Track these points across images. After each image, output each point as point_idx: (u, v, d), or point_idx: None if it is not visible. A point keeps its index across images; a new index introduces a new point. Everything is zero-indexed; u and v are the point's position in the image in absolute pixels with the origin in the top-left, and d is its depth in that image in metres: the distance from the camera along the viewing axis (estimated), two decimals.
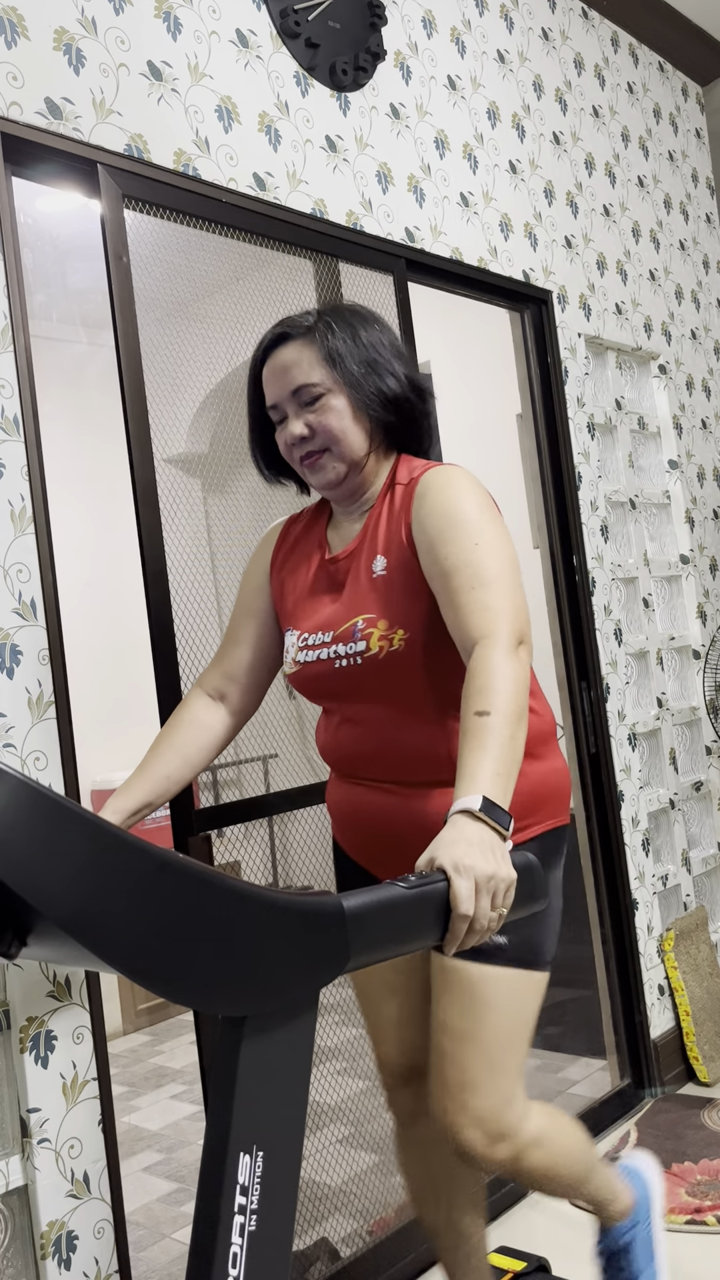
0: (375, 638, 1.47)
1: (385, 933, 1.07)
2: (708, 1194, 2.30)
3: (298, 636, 1.57)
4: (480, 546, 1.41)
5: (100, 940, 0.91)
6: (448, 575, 1.40)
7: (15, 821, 0.95)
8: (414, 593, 1.47)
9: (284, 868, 2.33)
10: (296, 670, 1.57)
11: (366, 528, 1.55)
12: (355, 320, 1.57)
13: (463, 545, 1.41)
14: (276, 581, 1.66)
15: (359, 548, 1.55)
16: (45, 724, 1.65)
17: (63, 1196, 1.59)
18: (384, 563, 1.51)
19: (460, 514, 1.44)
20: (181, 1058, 3.78)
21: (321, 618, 1.55)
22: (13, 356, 1.67)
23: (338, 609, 1.54)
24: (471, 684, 1.31)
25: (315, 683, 1.55)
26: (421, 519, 1.47)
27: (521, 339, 2.90)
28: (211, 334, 2.15)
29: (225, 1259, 0.95)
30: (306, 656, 1.55)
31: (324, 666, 1.52)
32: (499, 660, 1.31)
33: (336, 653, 1.51)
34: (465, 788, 1.23)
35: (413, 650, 1.46)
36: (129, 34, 1.92)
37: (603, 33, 3.30)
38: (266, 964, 0.98)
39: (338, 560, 1.57)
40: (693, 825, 3.27)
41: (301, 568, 1.63)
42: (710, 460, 3.56)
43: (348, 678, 1.51)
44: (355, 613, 1.51)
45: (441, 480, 1.50)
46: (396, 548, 1.50)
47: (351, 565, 1.55)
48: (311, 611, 1.58)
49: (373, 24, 2.42)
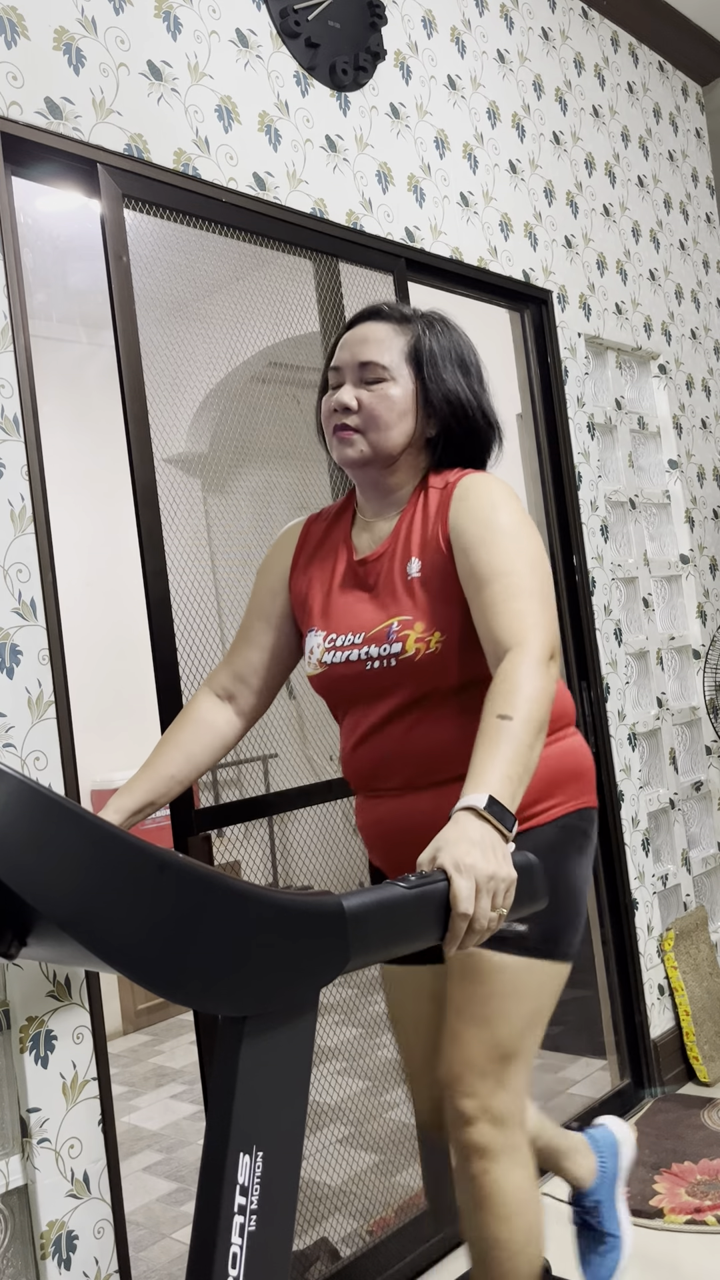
0: (412, 639, 1.47)
1: (385, 932, 1.07)
2: (707, 1194, 2.30)
3: (324, 637, 1.56)
4: (521, 557, 1.42)
5: (100, 940, 0.91)
6: (485, 581, 1.40)
7: (15, 821, 0.95)
8: (449, 596, 1.47)
9: (284, 868, 2.33)
10: (322, 671, 1.55)
11: (399, 530, 1.54)
12: (455, 336, 1.59)
13: (505, 554, 1.41)
14: (300, 582, 1.65)
15: (390, 549, 1.54)
16: (45, 724, 1.65)
17: (63, 1196, 1.59)
18: (419, 565, 1.50)
19: (500, 522, 1.45)
20: (181, 1058, 3.78)
21: (352, 619, 1.54)
22: (13, 356, 1.67)
23: (370, 610, 1.53)
24: (498, 688, 1.31)
25: (342, 684, 1.54)
26: (460, 523, 1.47)
27: (521, 339, 2.90)
28: (211, 334, 2.15)
29: (225, 1259, 0.96)
30: (334, 657, 1.53)
31: (354, 668, 1.51)
32: (529, 669, 1.31)
33: (369, 654, 1.50)
34: (473, 785, 1.23)
35: (448, 653, 1.46)
36: (129, 34, 1.92)
37: (603, 32, 3.30)
38: (266, 964, 0.98)
39: (367, 561, 1.56)
40: (693, 825, 3.27)
41: (327, 568, 1.62)
42: (710, 460, 3.56)
43: (378, 679, 1.50)
44: (390, 614, 1.50)
45: (482, 486, 1.50)
46: (432, 550, 1.50)
47: (383, 567, 1.54)
48: (340, 612, 1.56)
49: (373, 24, 2.42)
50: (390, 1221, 2.19)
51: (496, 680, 1.32)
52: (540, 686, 1.31)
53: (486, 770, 1.24)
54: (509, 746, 1.25)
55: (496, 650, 1.37)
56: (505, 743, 1.26)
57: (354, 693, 1.54)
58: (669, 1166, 2.44)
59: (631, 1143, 1.94)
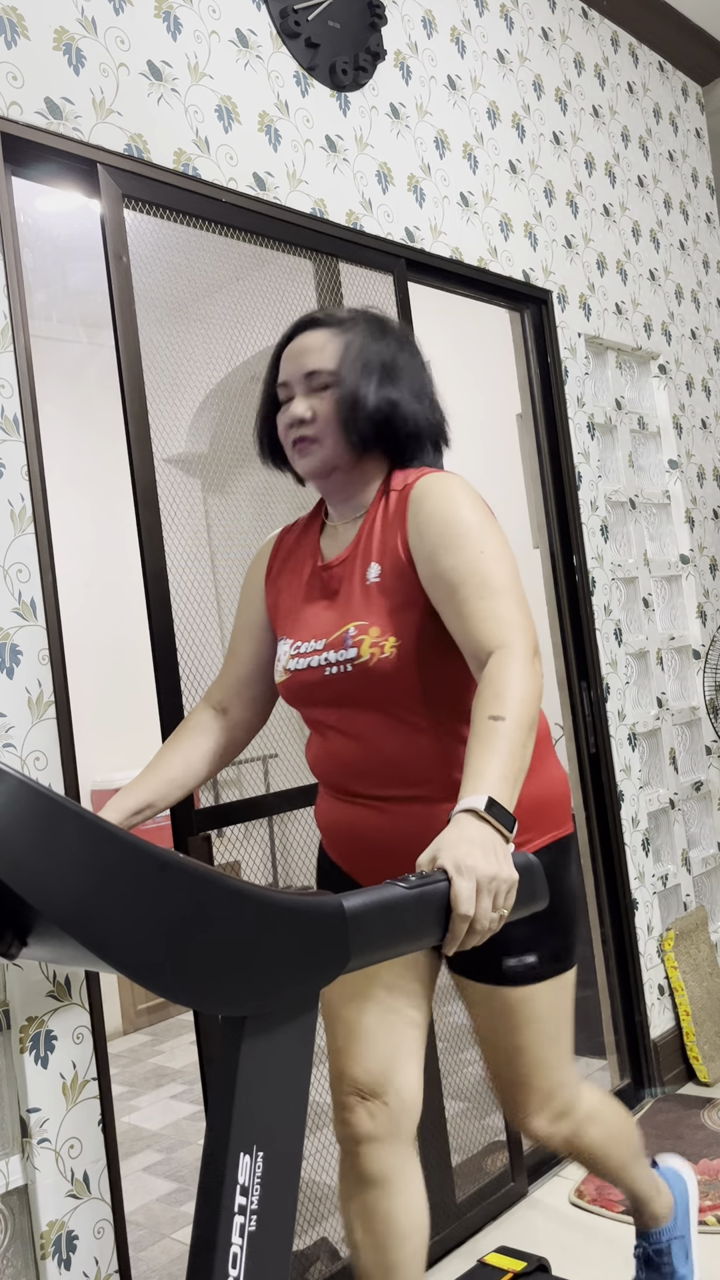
0: (366, 644, 1.46)
1: (385, 933, 1.07)
2: (708, 1194, 2.30)
3: (290, 645, 1.56)
4: (485, 555, 1.40)
5: (100, 940, 0.91)
6: (455, 585, 1.39)
7: (15, 821, 0.95)
8: (407, 600, 1.46)
9: (284, 868, 2.33)
10: (287, 678, 1.55)
11: (360, 534, 1.54)
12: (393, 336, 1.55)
13: (468, 554, 1.40)
14: (271, 592, 1.65)
15: (352, 554, 1.54)
16: (45, 724, 1.65)
17: (63, 1196, 1.59)
18: (378, 570, 1.49)
19: (461, 522, 1.43)
20: (181, 1058, 3.78)
21: (314, 625, 1.54)
22: (13, 356, 1.67)
23: (330, 616, 1.52)
24: (487, 689, 1.30)
25: (305, 691, 1.53)
26: (420, 526, 1.46)
27: (521, 339, 2.90)
28: (211, 334, 2.15)
29: (225, 1259, 0.95)
30: (297, 664, 1.53)
31: (314, 674, 1.51)
32: (517, 670, 1.31)
33: (328, 660, 1.49)
34: (471, 787, 1.23)
35: (404, 658, 1.45)
36: (129, 34, 1.92)
37: (603, 32, 3.30)
38: (266, 964, 0.98)
39: (331, 567, 1.56)
40: (693, 825, 3.27)
41: (295, 576, 1.62)
42: (710, 460, 3.56)
43: (338, 685, 1.49)
44: (347, 620, 1.49)
45: (439, 487, 1.48)
46: (391, 555, 1.49)
47: (345, 572, 1.54)
48: (304, 619, 1.56)
49: (373, 24, 2.42)
50: None
51: (484, 682, 1.32)
52: (529, 687, 1.31)
53: (483, 771, 1.24)
54: (504, 747, 1.25)
55: (478, 653, 1.36)
56: (500, 743, 1.25)
57: (317, 699, 1.53)
58: None
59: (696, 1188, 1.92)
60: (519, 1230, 2.28)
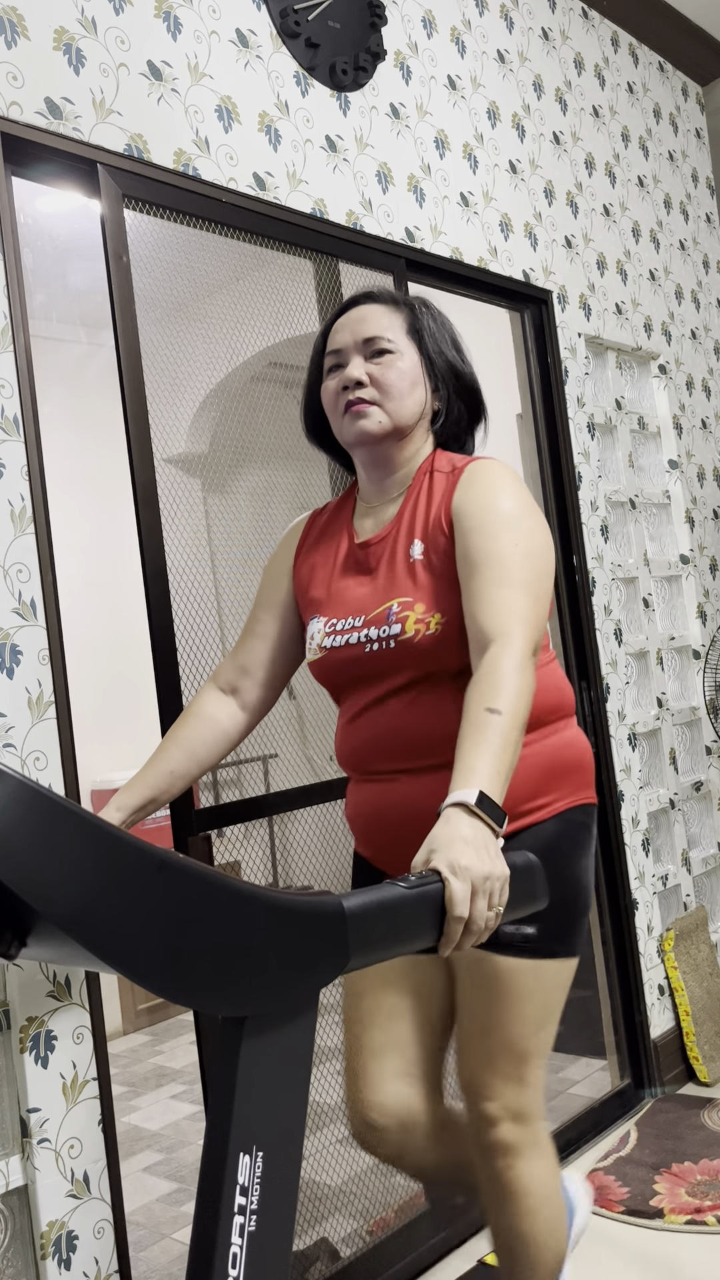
0: (411, 621, 1.45)
1: (385, 933, 1.07)
2: (708, 1194, 2.30)
3: (324, 622, 1.54)
4: (518, 547, 1.40)
5: (100, 940, 0.91)
6: (476, 567, 1.39)
7: (15, 821, 0.95)
8: (451, 579, 1.45)
9: (284, 868, 2.33)
10: (322, 656, 1.53)
11: (402, 513, 1.53)
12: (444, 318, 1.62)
13: (501, 541, 1.40)
14: (302, 571, 1.63)
15: (393, 532, 1.53)
16: (45, 724, 1.65)
17: (63, 1196, 1.59)
18: (422, 547, 1.49)
19: (502, 509, 1.43)
20: (181, 1058, 3.78)
21: (352, 602, 1.52)
22: (13, 356, 1.67)
23: (370, 593, 1.51)
24: (484, 680, 1.30)
25: (341, 668, 1.52)
26: (463, 505, 1.46)
27: (521, 339, 2.90)
28: (211, 334, 2.15)
29: (225, 1259, 0.95)
30: (334, 641, 1.52)
31: (353, 651, 1.50)
32: (514, 665, 1.30)
33: (368, 636, 1.48)
34: (463, 781, 1.22)
35: (448, 635, 1.44)
36: (129, 34, 1.92)
37: (603, 33, 3.30)
38: (266, 964, 0.98)
39: (369, 545, 1.55)
40: (693, 825, 3.27)
41: (328, 555, 1.60)
42: (710, 460, 3.56)
43: (377, 661, 1.48)
44: (390, 596, 1.48)
45: (489, 472, 1.48)
46: (436, 533, 1.48)
47: (385, 550, 1.52)
48: (340, 597, 1.55)
49: (373, 24, 2.42)
50: (390, 1221, 2.19)
51: (481, 672, 1.31)
52: (525, 684, 1.30)
53: (476, 765, 1.23)
54: (498, 741, 1.24)
55: (480, 639, 1.35)
56: (494, 737, 1.25)
57: (353, 677, 1.52)
58: (669, 1167, 2.44)
59: (588, 1207, 1.75)
60: None
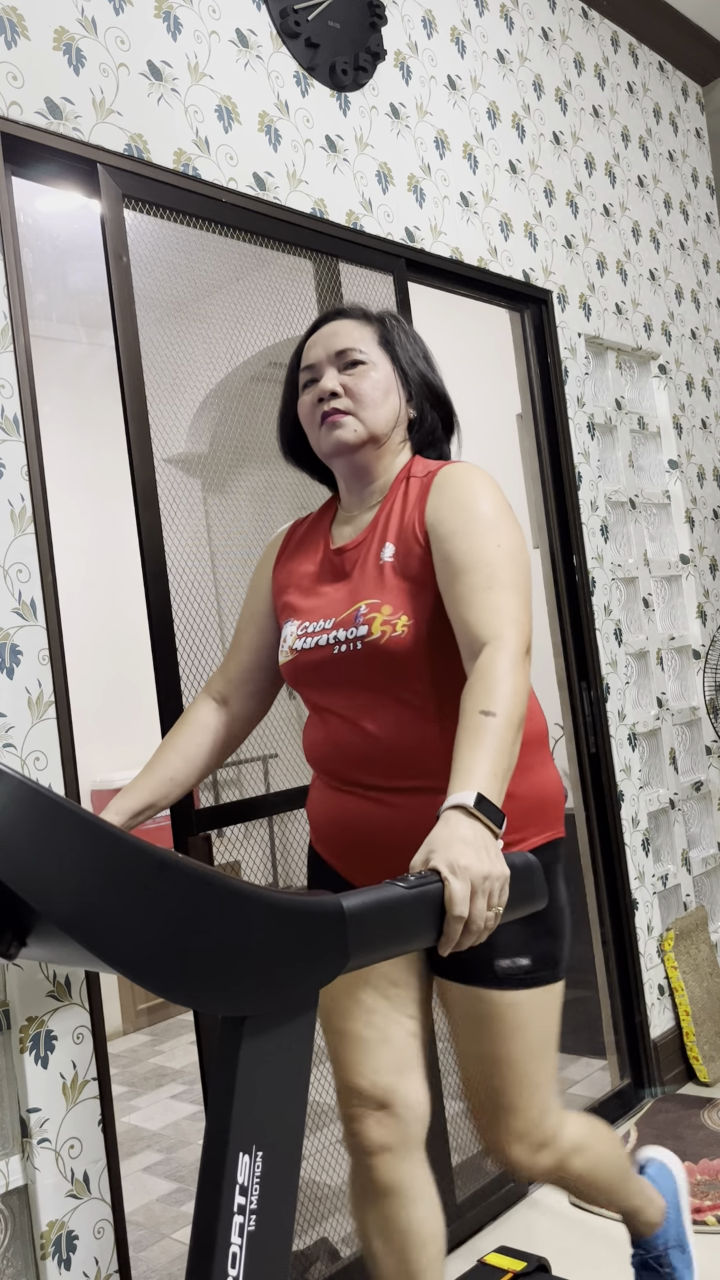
0: (378, 622, 1.44)
1: (385, 933, 1.07)
2: (708, 1194, 2.30)
3: (297, 625, 1.55)
4: (501, 549, 1.40)
5: (100, 940, 0.91)
6: (463, 570, 1.39)
7: (15, 821, 0.95)
8: (421, 582, 1.45)
9: (284, 868, 2.33)
10: (292, 658, 1.53)
11: (377, 519, 1.54)
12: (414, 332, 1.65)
13: (484, 544, 1.40)
14: (280, 578, 1.64)
15: (368, 538, 1.53)
16: (45, 724, 1.65)
17: (63, 1196, 1.59)
18: (392, 550, 1.49)
19: (482, 512, 1.43)
20: (181, 1058, 3.78)
21: (325, 606, 1.53)
22: (13, 356, 1.67)
23: (341, 597, 1.52)
24: (478, 683, 1.29)
25: (311, 671, 1.52)
26: (439, 510, 1.46)
27: (521, 339, 2.90)
28: (211, 334, 2.15)
29: (225, 1259, 0.95)
30: (304, 644, 1.52)
31: (322, 653, 1.49)
32: (507, 666, 1.30)
33: (336, 638, 1.48)
34: (461, 783, 1.21)
35: (415, 639, 1.44)
36: (129, 34, 1.92)
37: (603, 33, 3.30)
38: (266, 964, 0.98)
39: (345, 550, 1.55)
40: (693, 825, 3.27)
41: (305, 562, 1.61)
42: (710, 460, 3.56)
43: (345, 665, 1.47)
44: (359, 598, 1.49)
45: (464, 476, 1.49)
46: (407, 536, 1.48)
47: (360, 555, 1.53)
48: (313, 601, 1.55)
49: (373, 24, 2.42)
50: None
51: (475, 675, 1.31)
52: (520, 684, 1.30)
53: (473, 767, 1.22)
54: (494, 743, 1.24)
55: (472, 643, 1.35)
56: (490, 739, 1.24)
57: (322, 679, 1.51)
58: None
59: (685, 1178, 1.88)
60: (519, 1230, 2.28)
